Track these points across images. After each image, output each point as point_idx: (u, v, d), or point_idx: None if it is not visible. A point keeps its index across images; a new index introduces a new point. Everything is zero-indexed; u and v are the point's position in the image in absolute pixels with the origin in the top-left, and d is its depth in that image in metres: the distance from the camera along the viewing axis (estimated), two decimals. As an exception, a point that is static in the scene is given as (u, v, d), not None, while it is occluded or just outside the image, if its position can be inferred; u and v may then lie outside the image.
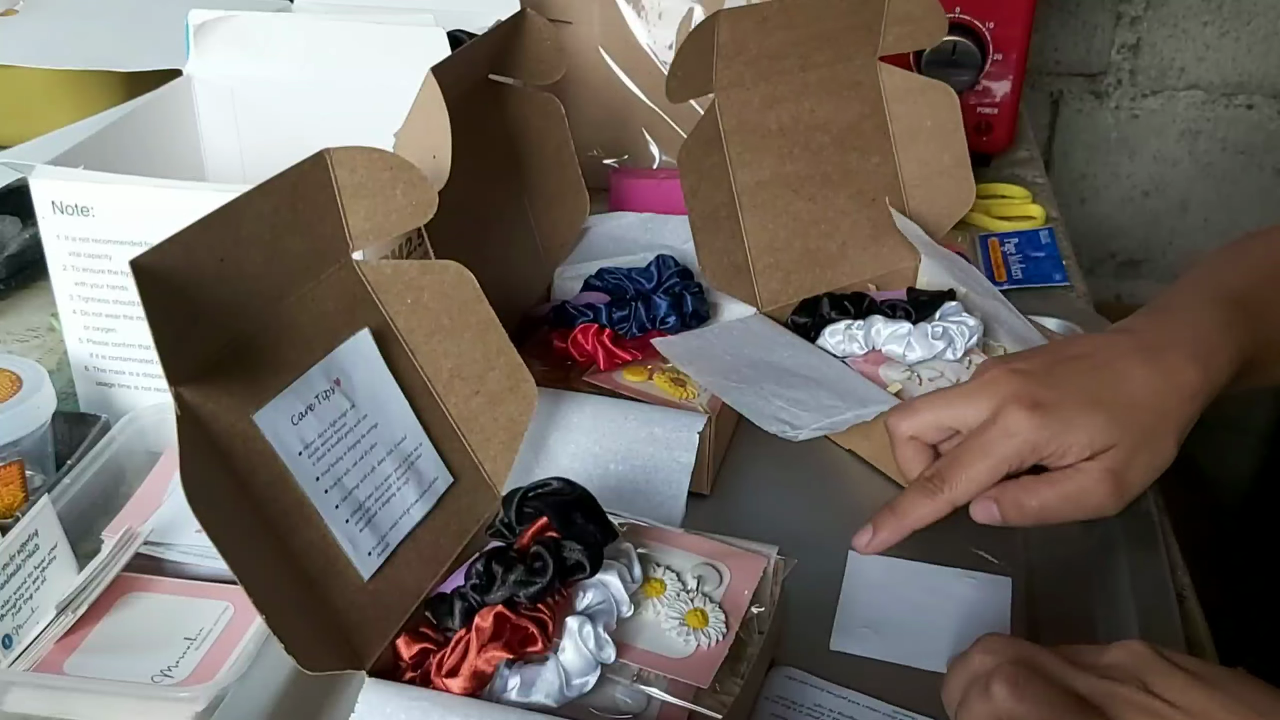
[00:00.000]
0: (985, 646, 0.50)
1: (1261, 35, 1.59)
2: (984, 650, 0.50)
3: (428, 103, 0.65)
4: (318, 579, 0.51)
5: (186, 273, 0.47)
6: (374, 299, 0.58)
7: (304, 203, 0.53)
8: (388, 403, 0.57)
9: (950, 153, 0.85)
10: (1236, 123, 1.65)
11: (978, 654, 0.50)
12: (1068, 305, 0.87)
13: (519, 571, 0.51)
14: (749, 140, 0.79)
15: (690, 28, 0.99)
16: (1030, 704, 0.47)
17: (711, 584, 0.55)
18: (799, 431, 0.65)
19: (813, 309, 0.78)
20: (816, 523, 0.68)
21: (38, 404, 0.67)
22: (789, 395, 0.68)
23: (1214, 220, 1.70)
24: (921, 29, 0.83)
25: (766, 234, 0.80)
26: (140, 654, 0.58)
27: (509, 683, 0.50)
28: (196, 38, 0.84)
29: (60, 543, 0.60)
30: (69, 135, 0.73)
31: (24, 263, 0.91)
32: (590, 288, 0.80)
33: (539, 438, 0.67)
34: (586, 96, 1.02)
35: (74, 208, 0.68)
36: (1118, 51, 1.63)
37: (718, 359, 0.73)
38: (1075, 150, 1.69)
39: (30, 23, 1.03)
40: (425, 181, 0.57)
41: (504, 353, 0.61)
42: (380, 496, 0.55)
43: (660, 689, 0.50)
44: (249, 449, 0.50)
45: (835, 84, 0.82)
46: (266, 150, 0.83)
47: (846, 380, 0.71)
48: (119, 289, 0.70)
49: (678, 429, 0.66)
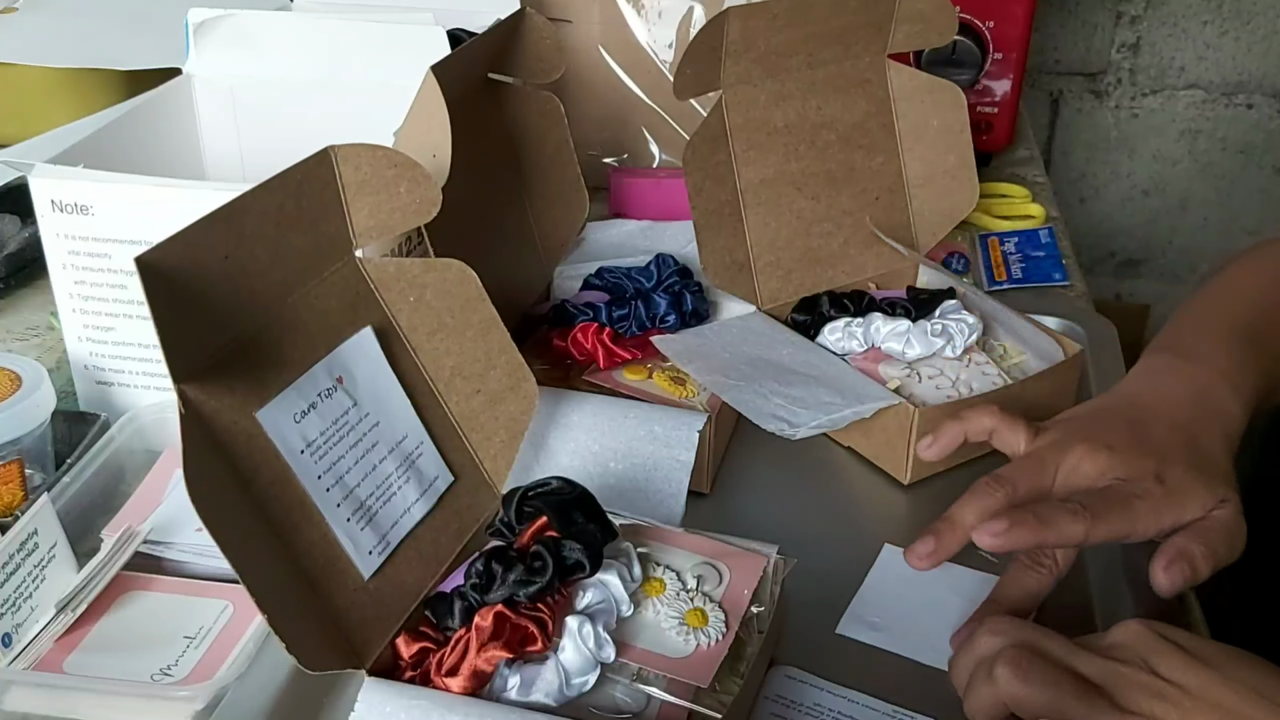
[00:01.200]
0: (991, 628, 0.51)
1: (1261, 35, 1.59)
2: (990, 632, 0.50)
3: (427, 101, 0.65)
4: (318, 578, 0.51)
5: (191, 270, 0.47)
6: (377, 297, 0.58)
7: (308, 200, 0.53)
8: (389, 401, 0.57)
9: (955, 153, 0.84)
10: (1236, 122, 1.65)
11: (984, 636, 0.51)
12: (1067, 304, 0.87)
13: (519, 571, 0.51)
14: (754, 138, 0.79)
15: (690, 27, 1.00)
16: (1034, 686, 0.47)
17: (711, 583, 0.55)
18: (796, 429, 0.65)
19: (812, 307, 0.78)
20: (816, 521, 0.68)
21: (37, 403, 0.67)
22: (787, 393, 0.68)
23: (1213, 219, 1.70)
24: (932, 27, 0.83)
25: (769, 232, 0.80)
26: (140, 653, 0.58)
27: (509, 682, 0.50)
28: (196, 36, 0.84)
29: (60, 541, 0.60)
30: (68, 134, 0.73)
31: (23, 261, 0.91)
32: (590, 287, 0.80)
33: (539, 436, 0.67)
34: (586, 96, 1.02)
35: (73, 206, 0.68)
36: (1117, 51, 1.63)
37: (717, 356, 0.73)
38: (1075, 149, 1.69)
39: (30, 21, 1.03)
40: (429, 179, 0.57)
41: (505, 352, 0.61)
42: (381, 495, 0.55)
43: (660, 688, 0.50)
44: (251, 447, 0.50)
45: (843, 82, 0.82)
46: (266, 149, 0.83)
47: (846, 377, 0.71)
48: (119, 288, 0.70)
49: (678, 427, 0.66)
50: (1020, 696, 0.48)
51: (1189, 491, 0.57)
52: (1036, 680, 0.47)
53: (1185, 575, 0.55)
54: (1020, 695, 0.48)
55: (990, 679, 0.49)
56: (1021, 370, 0.74)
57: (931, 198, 0.86)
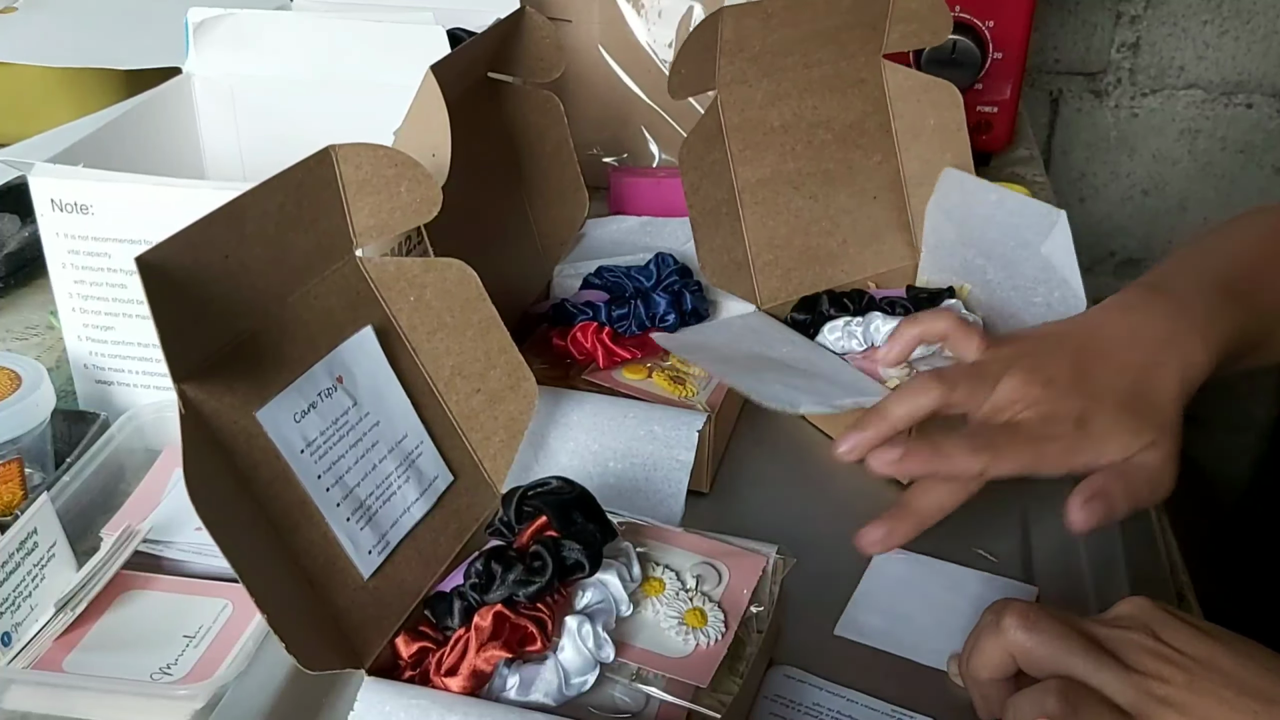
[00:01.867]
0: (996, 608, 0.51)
1: (1261, 34, 1.59)
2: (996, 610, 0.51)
3: (427, 101, 0.65)
4: (318, 577, 0.51)
5: (191, 269, 0.47)
6: (377, 296, 0.58)
7: (309, 199, 0.53)
8: (389, 400, 0.57)
9: (953, 152, 0.84)
10: (1236, 122, 1.65)
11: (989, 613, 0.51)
12: (1067, 304, 0.87)
13: (518, 570, 0.51)
14: (751, 137, 0.79)
15: (690, 26, 1.00)
16: (1041, 636, 0.48)
17: (710, 583, 0.55)
18: (799, 406, 0.66)
19: (812, 306, 0.78)
20: (816, 521, 0.68)
21: (37, 402, 0.67)
22: (789, 381, 0.69)
23: (1213, 219, 1.70)
24: (926, 27, 0.83)
25: (767, 231, 0.80)
26: (139, 652, 0.58)
27: (508, 682, 0.50)
28: (196, 35, 0.84)
29: (59, 540, 0.60)
30: (68, 133, 0.73)
31: (23, 260, 0.91)
32: (589, 286, 0.80)
33: (539, 436, 0.67)
34: (586, 95, 1.02)
35: (73, 206, 0.68)
36: (1117, 50, 1.63)
37: (716, 351, 0.73)
38: (1075, 149, 1.69)
39: (29, 20, 1.03)
40: (430, 178, 0.57)
41: (505, 351, 0.61)
42: (381, 495, 0.55)
43: (659, 688, 0.50)
44: (251, 446, 0.50)
45: (839, 81, 0.82)
46: (266, 148, 0.83)
47: (845, 375, 0.71)
48: (118, 287, 0.70)
49: (677, 427, 0.66)
50: (1027, 648, 0.48)
51: (1110, 436, 0.57)
52: (1044, 632, 0.48)
53: (1100, 513, 0.56)
54: (1027, 646, 0.48)
55: (997, 630, 0.49)
56: (1021, 370, 0.74)
57: (929, 196, 0.86)
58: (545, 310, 0.78)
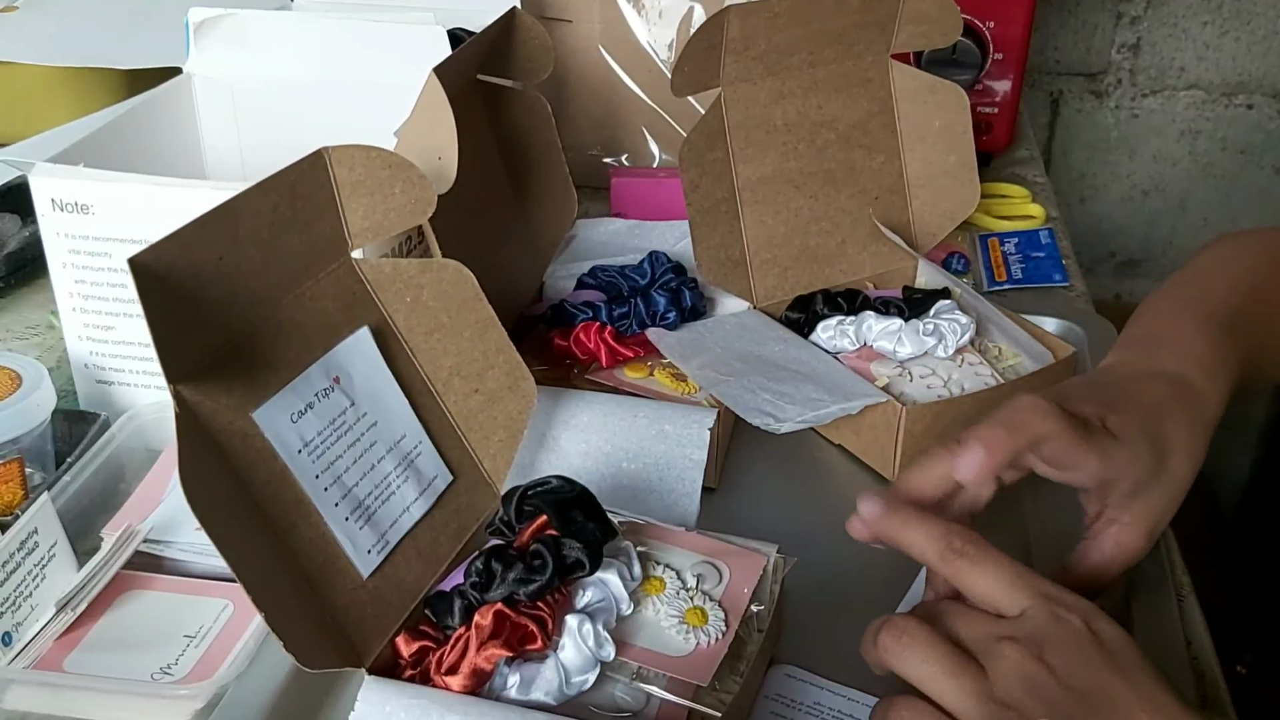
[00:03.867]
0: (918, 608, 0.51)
1: (1261, 35, 1.59)
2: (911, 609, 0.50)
3: (431, 104, 0.64)
4: (317, 577, 0.51)
5: (185, 271, 0.47)
6: (373, 297, 0.58)
7: (303, 201, 0.53)
8: (387, 401, 0.57)
9: (957, 154, 0.84)
10: (1236, 122, 1.65)
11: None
12: (1067, 305, 0.87)
13: (518, 569, 0.51)
14: (753, 135, 0.79)
15: (691, 26, 1.00)
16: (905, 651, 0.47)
17: (711, 582, 0.55)
18: (781, 424, 0.66)
19: (806, 304, 0.78)
20: (816, 520, 0.68)
21: (37, 402, 0.67)
22: (776, 389, 0.69)
23: (1214, 220, 1.70)
24: (936, 29, 0.82)
25: (765, 230, 0.80)
26: (140, 651, 0.58)
27: (508, 680, 0.50)
28: (196, 35, 0.84)
29: (60, 540, 0.60)
30: (69, 133, 0.73)
31: (24, 260, 0.92)
32: (584, 286, 0.80)
33: (551, 437, 0.67)
34: (586, 95, 1.02)
35: (74, 205, 0.68)
36: (1118, 51, 1.63)
37: (708, 351, 0.73)
38: (1075, 150, 1.69)
39: (30, 20, 1.03)
40: (424, 179, 0.57)
41: (503, 351, 0.61)
42: (380, 494, 0.55)
43: (660, 687, 0.50)
44: (248, 447, 0.50)
45: (845, 81, 0.82)
46: (266, 148, 0.83)
47: (835, 375, 0.72)
48: (119, 287, 0.70)
49: (689, 426, 0.66)
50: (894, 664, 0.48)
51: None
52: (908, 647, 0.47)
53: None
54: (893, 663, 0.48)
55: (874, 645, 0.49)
56: (1016, 371, 0.74)
57: (932, 198, 0.86)
58: (541, 312, 0.78)
